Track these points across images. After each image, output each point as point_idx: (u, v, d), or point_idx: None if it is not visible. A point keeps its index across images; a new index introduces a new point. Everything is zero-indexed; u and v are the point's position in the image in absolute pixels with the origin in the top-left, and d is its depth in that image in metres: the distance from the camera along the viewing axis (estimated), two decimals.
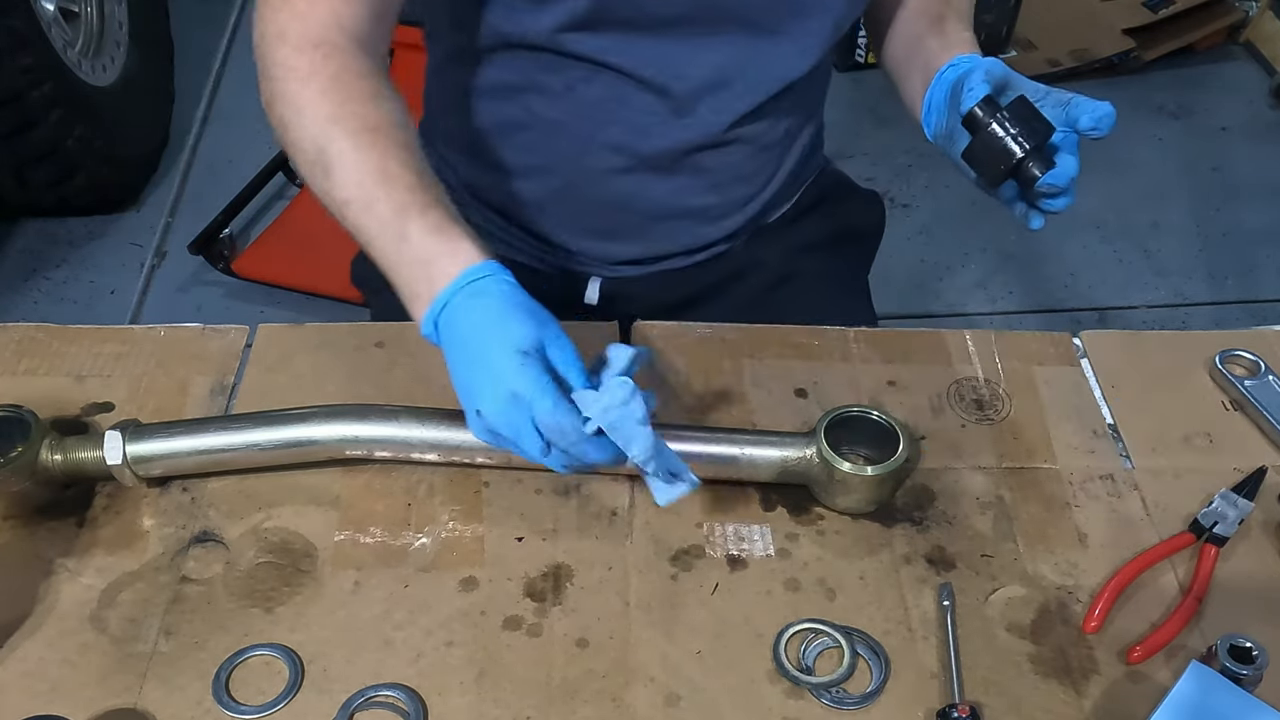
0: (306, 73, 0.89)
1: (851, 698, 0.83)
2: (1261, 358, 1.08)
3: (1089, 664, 0.86)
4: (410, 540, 0.93)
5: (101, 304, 2.55)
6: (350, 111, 0.88)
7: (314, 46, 0.90)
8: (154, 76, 2.89)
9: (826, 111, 1.28)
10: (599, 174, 1.12)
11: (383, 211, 0.84)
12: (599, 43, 1.01)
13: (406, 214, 0.83)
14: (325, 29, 0.90)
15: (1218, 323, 2.57)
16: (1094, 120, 0.90)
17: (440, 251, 0.82)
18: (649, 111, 1.07)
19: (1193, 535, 0.93)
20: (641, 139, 1.09)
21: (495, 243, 1.22)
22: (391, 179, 0.85)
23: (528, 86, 1.07)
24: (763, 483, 0.97)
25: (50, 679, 0.83)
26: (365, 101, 0.88)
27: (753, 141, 1.13)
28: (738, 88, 1.07)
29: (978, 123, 0.91)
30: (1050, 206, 0.95)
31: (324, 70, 0.89)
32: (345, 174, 0.86)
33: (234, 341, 1.09)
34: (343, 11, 0.91)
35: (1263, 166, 3.02)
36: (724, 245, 1.23)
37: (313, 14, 0.91)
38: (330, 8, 0.91)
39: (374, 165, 0.85)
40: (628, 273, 1.22)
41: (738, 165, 1.15)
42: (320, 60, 0.89)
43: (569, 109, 1.07)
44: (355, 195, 0.85)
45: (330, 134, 0.87)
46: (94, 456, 0.92)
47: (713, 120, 1.08)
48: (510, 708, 0.82)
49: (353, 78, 0.90)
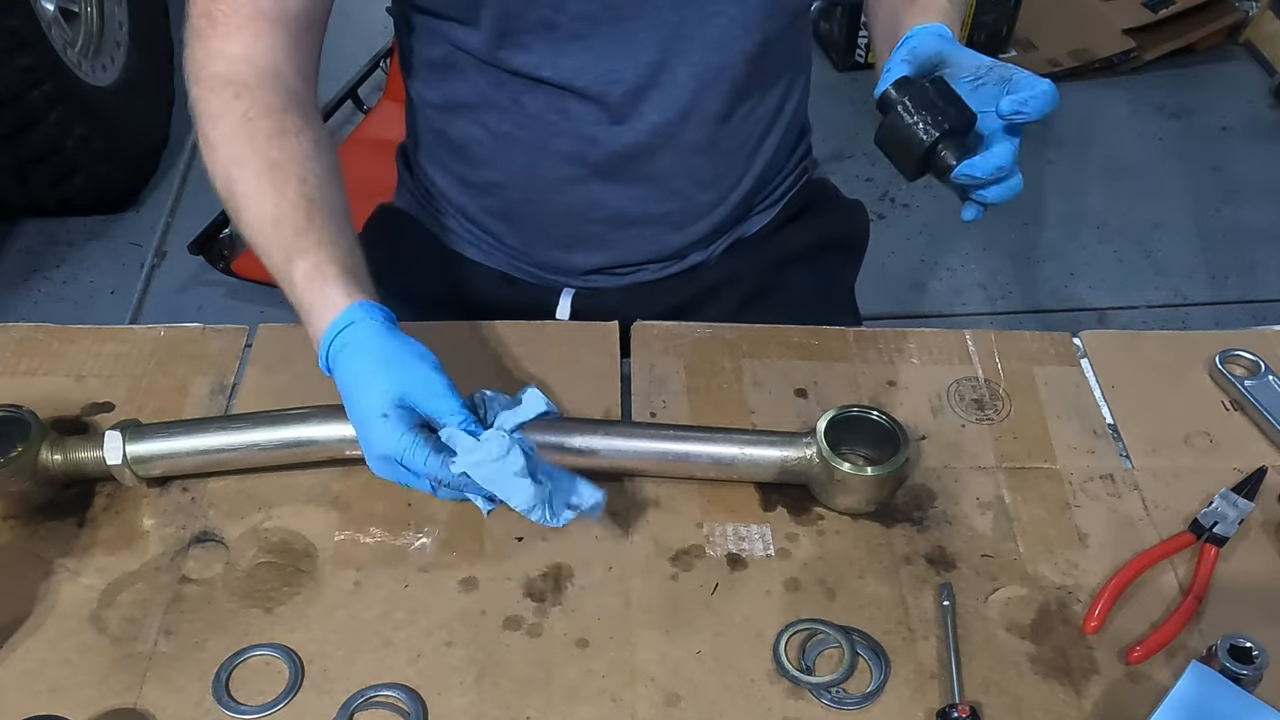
0: (217, 113, 0.92)
1: (851, 698, 0.83)
2: (1261, 358, 1.08)
3: (1089, 664, 0.86)
4: (410, 540, 0.93)
5: (101, 304, 2.55)
6: (253, 150, 0.90)
7: (226, 85, 0.92)
8: (154, 76, 2.89)
9: (826, 111, 1.27)
10: (553, 184, 1.12)
11: (276, 258, 0.87)
12: (529, 57, 1.02)
13: (290, 261, 0.85)
14: (235, 67, 0.93)
15: (1218, 323, 2.57)
16: (1016, 104, 0.80)
17: (314, 300, 0.84)
18: (592, 120, 1.06)
19: (1193, 535, 0.93)
20: (590, 147, 1.08)
21: (472, 249, 1.24)
22: (281, 222, 0.87)
23: (479, 102, 1.09)
24: (763, 483, 0.97)
25: (50, 679, 0.83)
26: (269, 140, 0.90)
27: (712, 147, 1.11)
28: (677, 80, 1.05)
29: (888, 106, 0.83)
30: (983, 197, 0.85)
31: (234, 110, 0.91)
32: (248, 215, 0.89)
33: (234, 341, 1.09)
34: (254, 47, 0.94)
35: (1263, 166, 3.02)
36: (698, 255, 1.22)
37: (224, 51, 0.93)
38: (241, 44, 0.93)
39: (269, 209, 0.88)
40: (599, 284, 1.22)
41: (696, 169, 1.13)
42: (230, 99, 0.92)
43: (518, 122, 1.08)
44: (257, 240, 0.89)
45: (233, 175, 0.90)
46: (94, 456, 0.92)
47: (658, 120, 1.07)
48: (510, 708, 0.82)
49: (260, 115, 0.91)
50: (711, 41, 1.03)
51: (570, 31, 1.00)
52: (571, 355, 1.07)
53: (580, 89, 1.04)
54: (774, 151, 1.19)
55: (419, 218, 1.25)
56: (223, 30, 0.94)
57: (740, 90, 1.08)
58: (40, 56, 2.38)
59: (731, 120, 1.10)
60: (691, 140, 1.09)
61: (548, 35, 1.00)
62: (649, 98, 1.05)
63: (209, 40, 0.94)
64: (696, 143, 1.10)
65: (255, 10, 0.93)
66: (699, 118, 1.08)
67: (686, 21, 1.01)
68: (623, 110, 1.05)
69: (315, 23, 0.99)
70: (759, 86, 1.11)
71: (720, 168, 1.15)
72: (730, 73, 1.06)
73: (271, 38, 0.94)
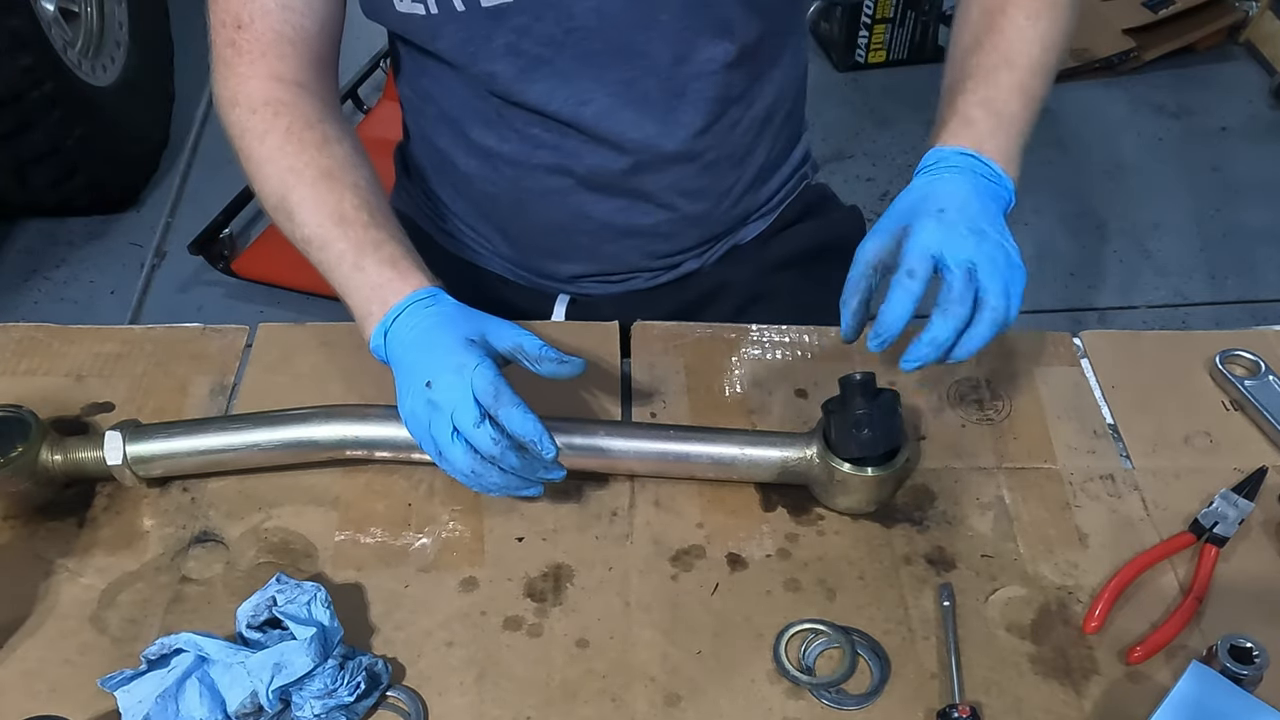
0: (261, 130, 0.97)
1: (851, 698, 0.83)
2: (1261, 358, 1.08)
3: (1089, 664, 0.86)
4: (410, 540, 0.93)
5: (101, 304, 2.55)
6: (305, 161, 0.95)
7: (264, 104, 0.98)
8: (154, 76, 2.89)
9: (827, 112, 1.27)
10: (540, 196, 1.12)
11: (342, 248, 0.92)
12: (498, 82, 1.02)
13: (362, 250, 0.91)
14: (268, 87, 0.98)
15: (1218, 323, 2.57)
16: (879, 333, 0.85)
17: (393, 277, 0.90)
18: (571, 138, 1.06)
19: (1193, 535, 0.93)
20: (573, 160, 1.09)
21: (467, 252, 1.24)
22: (347, 221, 0.92)
23: (463, 115, 1.09)
24: (763, 483, 0.97)
25: (50, 679, 0.83)
26: (318, 149, 0.96)
27: (696, 159, 1.10)
28: (650, 96, 1.04)
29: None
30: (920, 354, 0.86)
31: (276, 126, 0.97)
32: (306, 216, 0.94)
33: (234, 341, 1.09)
34: (280, 68, 0.99)
35: (1263, 166, 3.02)
36: (693, 262, 1.21)
37: (254, 74, 0.99)
38: (268, 67, 0.99)
39: (330, 209, 0.93)
40: (593, 290, 1.22)
41: (681, 181, 1.12)
42: (271, 117, 0.97)
43: (502, 135, 1.09)
44: (316, 234, 0.93)
45: (289, 183, 0.95)
46: (94, 456, 0.92)
47: (637, 136, 1.06)
48: (510, 708, 0.82)
49: (303, 128, 0.97)
50: (682, 55, 1.02)
51: (536, 56, 1.00)
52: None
53: (553, 112, 1.04)
54: (765, 159, 1.18)
55: (415, 219, 1.26)
56: (248, 57, 0.98)
57: (720, 100, 1.07)
58: (40, 56, 2.38)
59: (714, 131, 1.09)
60: (672, 153, 1.08)
61: (515, 60, 1.00)
62: (622, 116, 1.05)
63: (237, 67, 0.99)
64: (678, 155, 1.09)
65: (277, 35, 0.98)
66: (677, 131, 1.07)
67: (652, 39, 1.00)
68: (598, 129, 1.05)
69: (332, 40, 1.03)
70: (743, 95, 1.09)
71: (707, 178, 1.13)
72: (706, 84, 1.05)
73: (295, 58, 0.99)
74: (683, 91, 1.05)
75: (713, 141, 1.10)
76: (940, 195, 0.88)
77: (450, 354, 0.84)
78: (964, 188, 0.88)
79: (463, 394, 0.82)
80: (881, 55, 3.34)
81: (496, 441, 0.82)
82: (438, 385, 0.83)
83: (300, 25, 0.99)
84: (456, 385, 0.82)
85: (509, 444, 0.82)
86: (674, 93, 1.05)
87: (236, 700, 0.77)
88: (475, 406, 0.82)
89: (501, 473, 0.84)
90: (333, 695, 0.79)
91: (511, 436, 0.83)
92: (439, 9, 0.97)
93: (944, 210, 0.86)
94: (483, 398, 0.82)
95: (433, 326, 0.86)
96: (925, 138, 1.02)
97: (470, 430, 0.82)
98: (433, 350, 0.85)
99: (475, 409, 0.82)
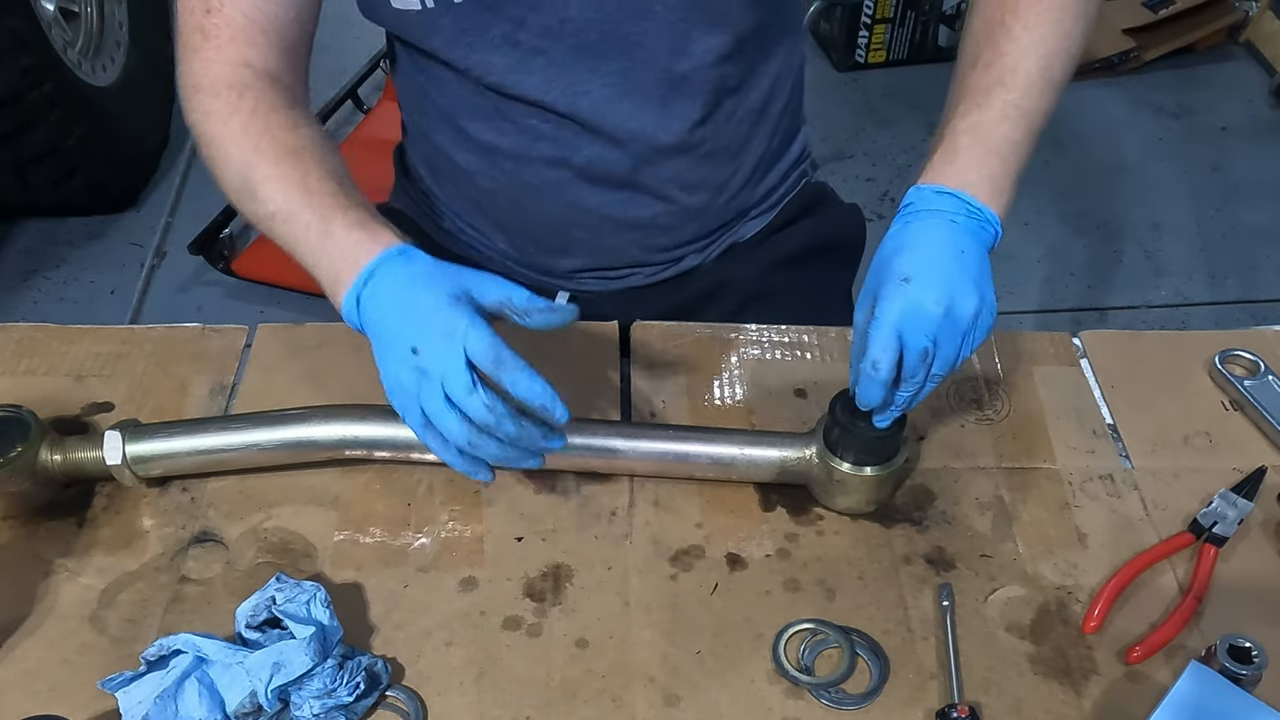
0: (225, 113, 0.93)
1: (851, 698, 0.83)
2: (1261, 358, 1.08)
3: (1088, 664, 0.86)
4: (410, 540, 0.93)
5: (101, 304, 2.55)
6: (270, 140, 0.91)
7: (228, 88, 0.94)
8: (154, 76, 2.88)
9: (827, 111, 1.27)
10: (539, 189, 1.12)
11: (307, 217, 0.87)
12: (495, 75, 1.02)
13: (329, 216, 0.86)
14: (235, 72, 0.94)
15: (1218, 323, 2.57)
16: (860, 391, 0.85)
17: (363, 238, 0.84)
18: (568, 129, 1.06)
19: (1192, 535, 0.93)
20: (571, 152, 1.08)
21: (467, 250, 1.24)
22: (312, 190, 0.88)
23: (461, 110, 1.09)
24: (762, 483, 0.97)
25: (50, 679, 0.83)
26: (284, 130, 0.92)
27: (692, 150, 1.10)
28: (647, 87, 1.04)
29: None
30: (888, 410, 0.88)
31: (241, 108, 0.93)
32: (269, 191, 0.89)
33: (234, 341, 1.10)
34: (249, 55, 0.95)
35: (1263, 166, 3.02)
36: (692, 259, 1.21)
37: (221, 59, 0.95)
38: (237, 51, 0.95)
39: (296, 181, 0.88)
40: (592, 286, 1.22)
41: (678, 173, 1.12)
42: (235, 99, 0.93)
43: (500, 129, 1.08)
44: (280, 207, 0.88)
45: (251, 162, 0.90)
46: (94, 456, 0.92)
47: (633, 127, 1.06)
48: (510, 708, 0.82)
49: (268, 110, 0.93)
50: (678, 46, 1.02)
51: (533, 47, 1.00)
52: (571, 355, 1.07)
53: (550, 104, 1.04)
54: (763, 151, 1.19)
55: (415, 218, 1.26)
56: (216, 42, 0.95)
57: (716, 92, 1.08)
58: (40, 56, 2.38)
59: (710, 122, 1.10)
60: (669, 145, 1.09)
61: (511, 52, 1.00)
62: (619, 108, 1.05)
63: (204, 51, 0.95)
64: (675, 147, 1.09)
65: (247, 21, 0.95)
66: (674, 123, 1.07)
67: (648, 30, 1.00)
68: (596, 120, 1.05)
69: (305, 33, 1.00)
70: (739, 87, 1.10)
71: (704, 170, 1.14)
72: (702, 75, 1.05)
73: (265, 46, 0.96)
74: (679, 83, 1.05)
75: (709, 133, 1.11)
76: (910, 255, 0.84)
77: (435, 315, 0.78)
78: (936, 240, 0.84)
79: (455, 359, 0.77)
80: (881, 55, 3.34)
81: (491, 409, 0.77)
82: (425, 350, 0.78)
83: (273, 13, 0.95)
84: (447, 349, 0.77)
85: (505, 411, 0.78)
86: (670, 84, 1.05)
87: (235, 700, 0.77)
88: (468, 372, 0.77)
89: (499, 444, 0.80)
90: (332, 695, 0.79)
91: (508, 403, 0.78)
92: (435, 2, 0.97)
93: (909, 280, 0.83)
94: (482, 362, 0.77)
95: (411, 285, 0.81)
96: (925, 138, 1.02)
97: (464, 398, 0.77)
98: (415, 312, 0.79)
99: (468, 374, 0.77)
